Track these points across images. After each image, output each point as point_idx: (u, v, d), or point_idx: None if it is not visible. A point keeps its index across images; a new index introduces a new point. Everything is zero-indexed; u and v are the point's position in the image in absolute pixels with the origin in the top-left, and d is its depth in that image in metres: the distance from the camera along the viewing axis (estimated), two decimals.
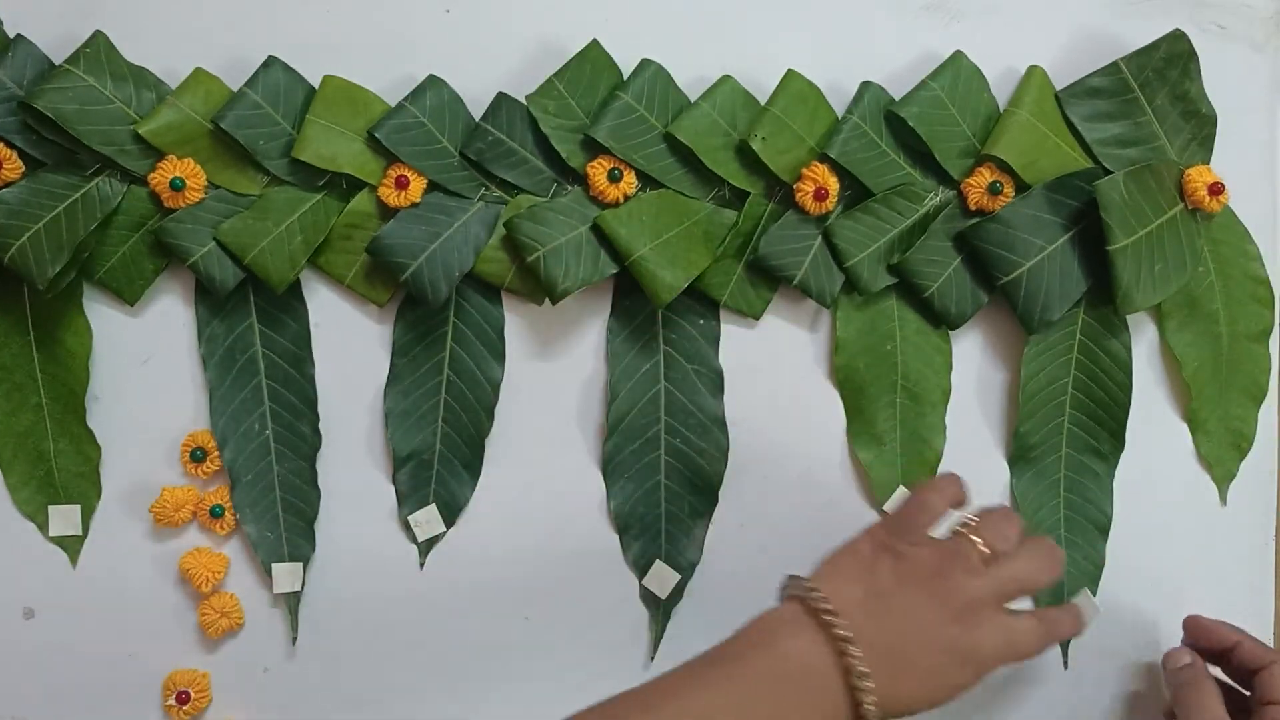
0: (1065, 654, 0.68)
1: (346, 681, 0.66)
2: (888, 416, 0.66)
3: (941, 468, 0.67)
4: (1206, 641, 0.64)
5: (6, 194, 0.60)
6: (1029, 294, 0.63)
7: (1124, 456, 0.67)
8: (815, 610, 0.52)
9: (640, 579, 0.67)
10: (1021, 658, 0.55)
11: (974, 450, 0.67)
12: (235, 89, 0.62)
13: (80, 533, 0.65)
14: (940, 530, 0.57)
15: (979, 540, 0.55)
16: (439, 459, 0.66)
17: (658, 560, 0.66)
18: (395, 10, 0.65)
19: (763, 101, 0.64)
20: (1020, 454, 0.67)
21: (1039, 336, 0.65)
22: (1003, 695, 0.68)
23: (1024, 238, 0.62)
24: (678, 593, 0.66)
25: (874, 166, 0.64)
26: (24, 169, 0.61)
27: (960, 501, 0.57)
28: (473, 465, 0.66)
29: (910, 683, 0.52)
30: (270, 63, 0.63)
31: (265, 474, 0.65)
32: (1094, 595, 0.67)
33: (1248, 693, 0.61)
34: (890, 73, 0.65)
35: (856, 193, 0.65)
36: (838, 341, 0.66)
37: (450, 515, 0.66)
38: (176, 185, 0.61)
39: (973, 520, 0.56)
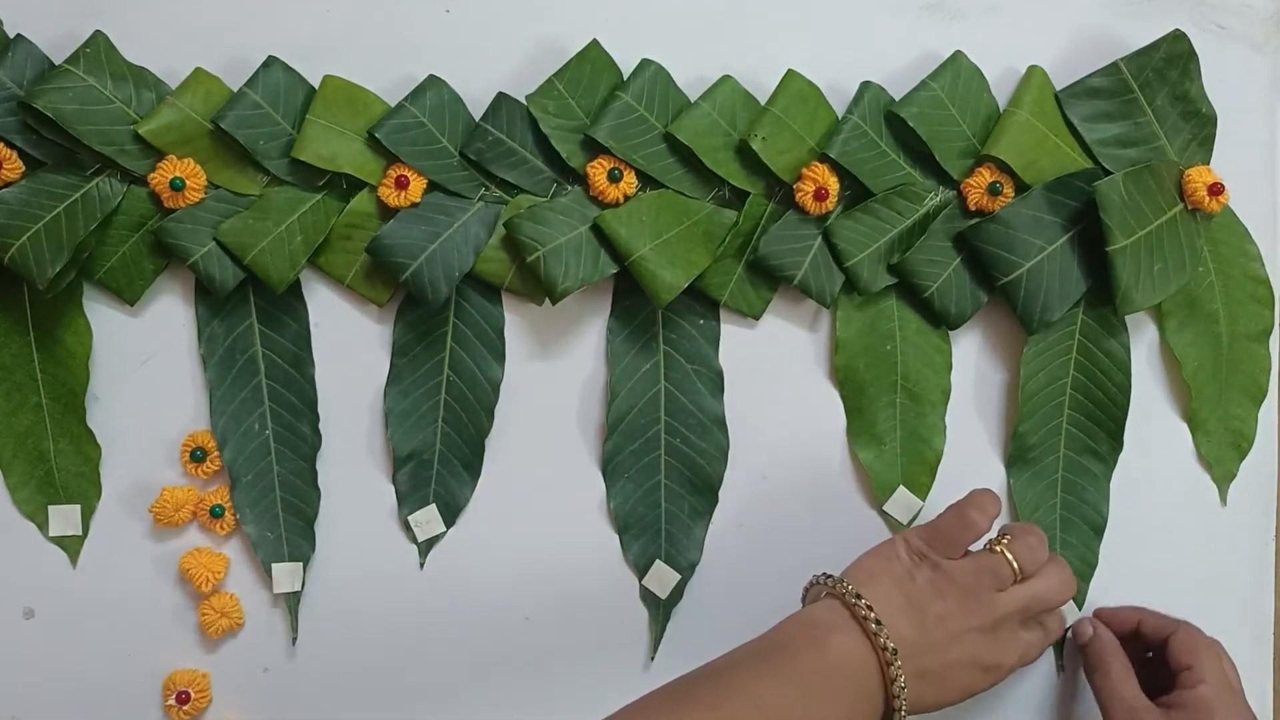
0: (1060, 655, 0.68)
1: (346, 681, 0.66)
2: (888, 416, 0.66)
3: (941, 468, 0.67)
4: (1115, 628, 0.65)
5: (6, 194, 0.60)
6: (1029, 294, 0.63)
7: (1125, 457, 0.67)
8: (862, 618, 0.55)
9: (640, 579, 0.67)
10: (1027, 664, 0.59)
11: (974, 450, 0.67)
12: (235, 89, 0.62)
13: (80, 533, 0.65)
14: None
15: (1011, 557, 0.58)
16: (439, 459, 0.66)
17: (658, 560, 0.66)
18: (395, 10, 0.65)
19: (763, 101, 0.64)
20: (1019, 454, 0.67)
21: (1038, 337, 0.65)
22: (999, 695, 0.68)
23: (1024, 238, 0.62)
24: (678, 593, 0.66)
25: (874, 166, 0.64)
26: (24, 169, 0.61)
27: (996, 517, 0.60)
28: (473, 465, 0.66)
29: (934, 687, 0.56)
30: (270, 63, 0.63)
31: (265, 474, 0.65)
32: (1085, 594, 0.67)
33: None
34: (890, 73, 0.65)
35: (856, 193, 0.65)
36: (838, 341, 0.66)
37: (450, 515, 0.66)
38: (176, 185, 0.61)
39: (1005, 537, 0.59)
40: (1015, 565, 0.58)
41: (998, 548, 0.58)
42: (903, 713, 0.54)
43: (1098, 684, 0.63)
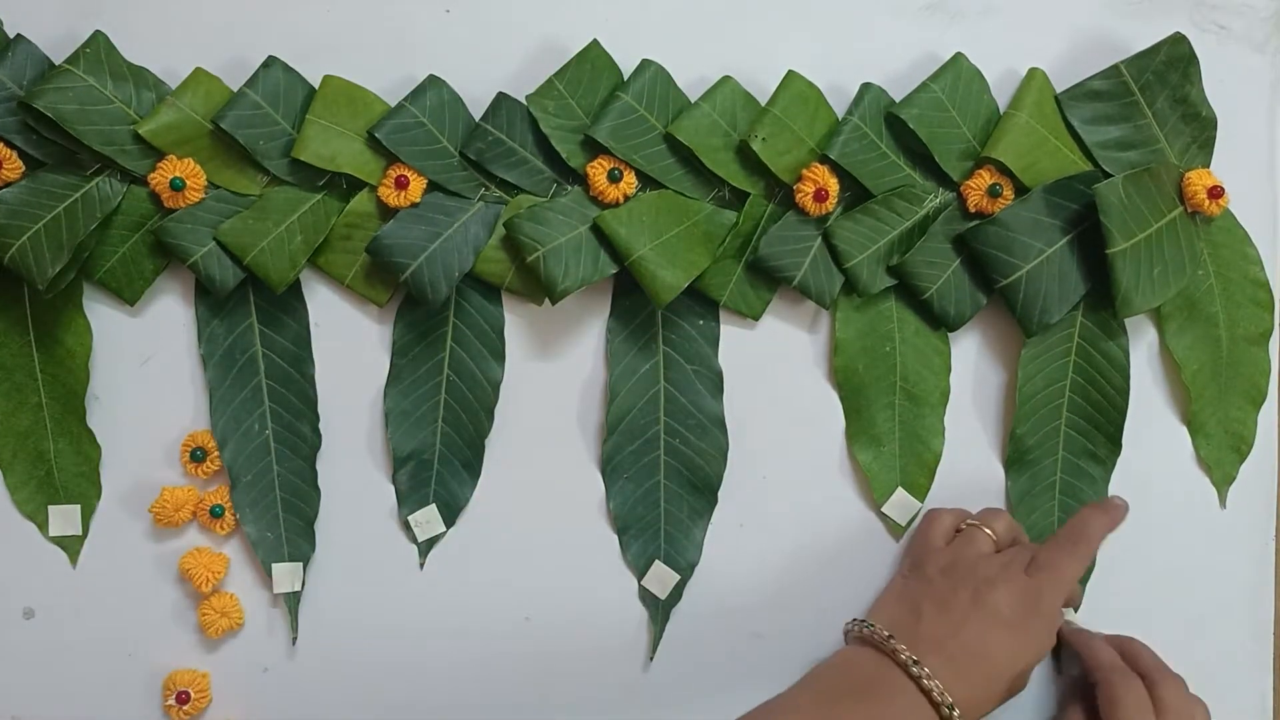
0: (1059, 657, 0.68)
1: (346, 681, 0.66)
2: (887, 418, 0.66)
3: (940, 469, 0.67)
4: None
5: (6, 194, 0.60)
6: (1028, 297, 0.63)
7: (1125, 459, 0.67)
8: (914, 675, 0.55)
9: (639, 579, 0.67)
10: (1057, 609, 0.59)
11: (972, 452, 0.67)
12: (235, 89, 0.62)
13: (80, 533, 0.65)
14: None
15: (986, 529, 0.61)
16: (439, 459, 0.66)
17: (657, 560, 0.66)
18: (395, 10, 0.65)
19: (763, 102, 0.64)
20: (1017, 456, 0.67)
21: (1037, 339, 0.65)
22: None
23: (1023, 240, 0.62)
24: (677, 593, 0.66)
25: (874, 168, 0.64)
26: (24, 169, 0.61)
27: (963, 518, 0.64)
28: (473, 465, 0.66)
29: (978, 674, 0.56)
30: (270, 63, 0.63)
31: (265, 474, 0.65)
32: (1082, 595, 0.67)
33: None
34: (891, 74, 0.65)
35: (856, 194, 0.65)
36: (837, 343, 0.66)
37: (450, 515, 0.66)
38: (176, 185, 0.61)
39: (973, 519, 0.63)
40: (991, 532, 0.61)
41: (970, 524, 0.63)
42: None
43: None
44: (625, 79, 0.64)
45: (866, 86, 0.64)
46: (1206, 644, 0.68)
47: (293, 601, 0.66)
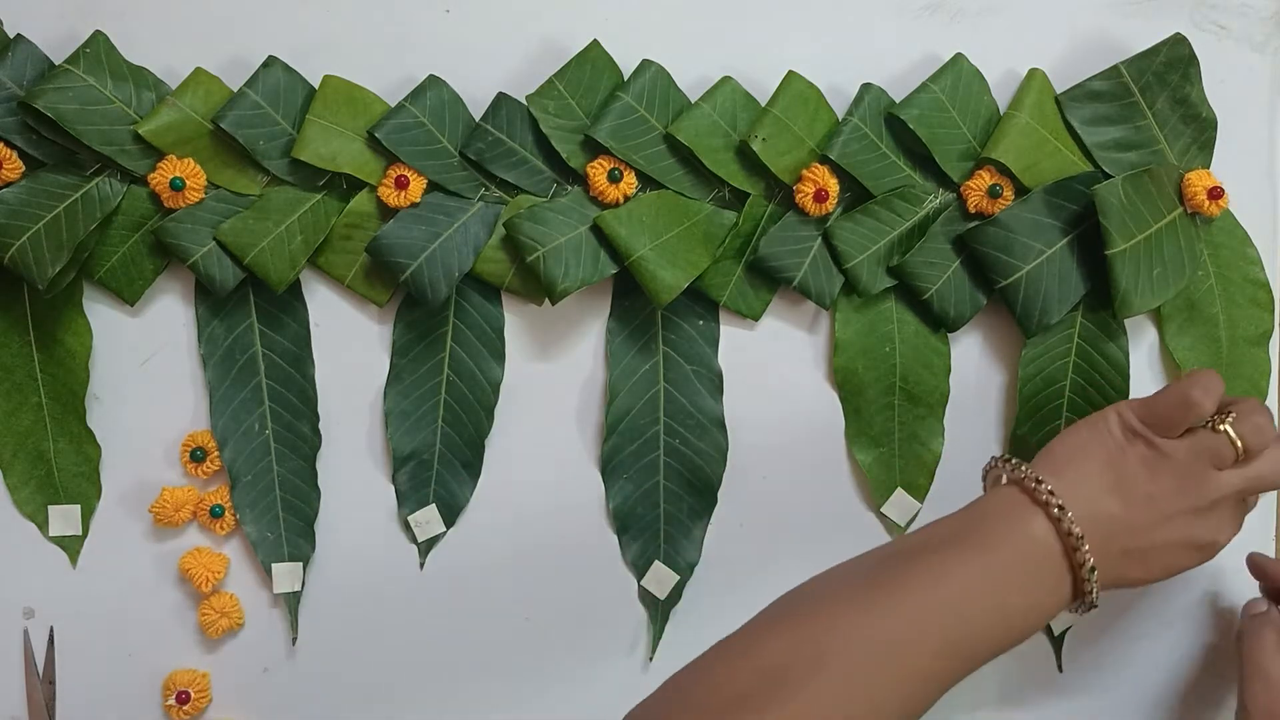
0: (1059, 656, 0.68)
1: (346, 681, 0.66)
2: (886, 418, 0.66)
3: (940, 470, 0.67)
4: (1269, 580, 0.63)
5: (6, 194, 0.60)
6: (1028, 297, 0.63)
7: None
8: (1044, 504, 0.52)
9: (639, 579, 0.67)
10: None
11: (972, 453, 0.67)
12: (235, 89, 0.62)
13: (80, 533, 0.65)
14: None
15: (1235, 436, 0.55)
16: (439, 459, 0.66)
17: (656, 561, 0.66)
18: (395, 10, 0.65)
19: (763, 102, 0.64)
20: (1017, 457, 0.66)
21: (1037, 339, 0.65)
22: (996, 697, 0.68)
23: (1023, 241, 0.62)
24: (676, 593, 0.66)
25: (874, 168, 0.64)
26: (24, 169, 0.61)
27: (1220, 397, 0.56)
28: (473, 465, 0.66)
29: (1138, 565, 0.54)
30: (270, 63, 0.63)
31: (265, 474, 0.65)
32: None
33: None
34: (891, 74, 0.65)
35: (856, 194, 0.65)
36: (837, 343, 0.66)
37: (450, 515, 0.66)
38: (176, 185, 0.61)
39: (1230, 414, 0.56)
40: (1239, 445, 0.55)
41: (1221, 426, 0.55)
42: (1094, 594, 0.52)
43: (1244, 653, 0.60)
44: (625, 79, 0.64)
45: (866, 87, 0.64)
46: (1207, 644, 0.68)
47: (293, 601, 0.66)
